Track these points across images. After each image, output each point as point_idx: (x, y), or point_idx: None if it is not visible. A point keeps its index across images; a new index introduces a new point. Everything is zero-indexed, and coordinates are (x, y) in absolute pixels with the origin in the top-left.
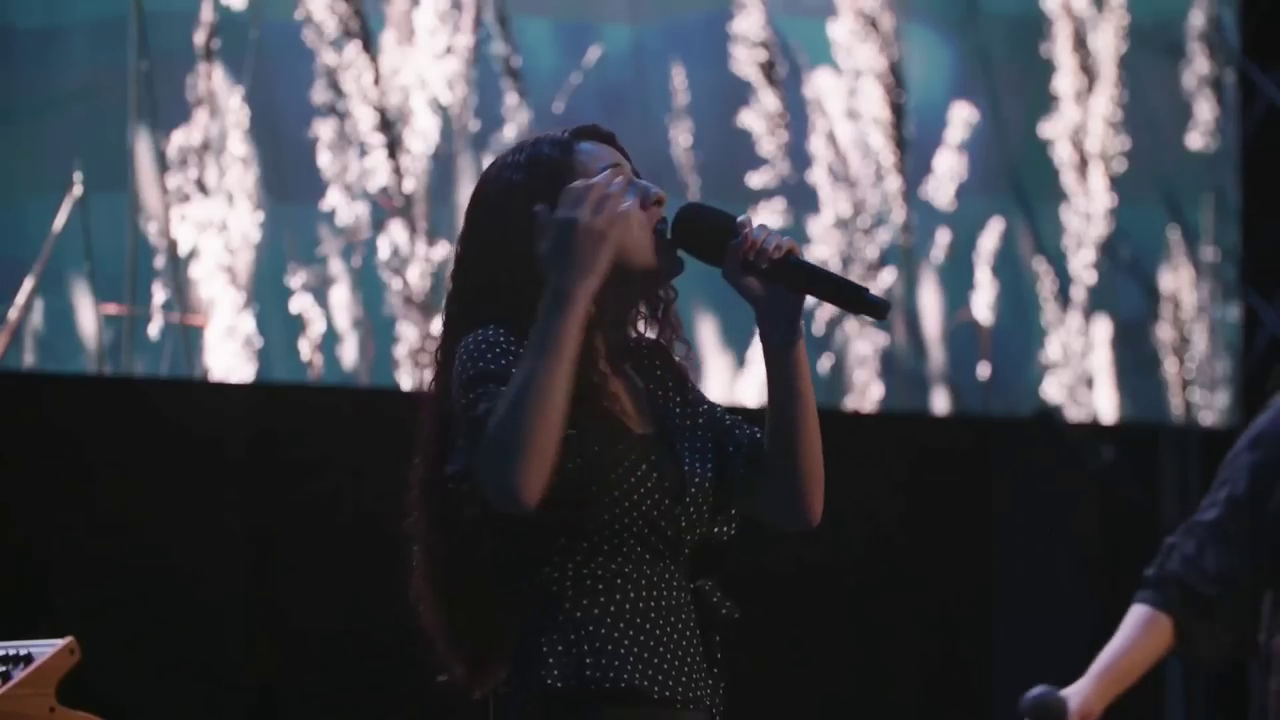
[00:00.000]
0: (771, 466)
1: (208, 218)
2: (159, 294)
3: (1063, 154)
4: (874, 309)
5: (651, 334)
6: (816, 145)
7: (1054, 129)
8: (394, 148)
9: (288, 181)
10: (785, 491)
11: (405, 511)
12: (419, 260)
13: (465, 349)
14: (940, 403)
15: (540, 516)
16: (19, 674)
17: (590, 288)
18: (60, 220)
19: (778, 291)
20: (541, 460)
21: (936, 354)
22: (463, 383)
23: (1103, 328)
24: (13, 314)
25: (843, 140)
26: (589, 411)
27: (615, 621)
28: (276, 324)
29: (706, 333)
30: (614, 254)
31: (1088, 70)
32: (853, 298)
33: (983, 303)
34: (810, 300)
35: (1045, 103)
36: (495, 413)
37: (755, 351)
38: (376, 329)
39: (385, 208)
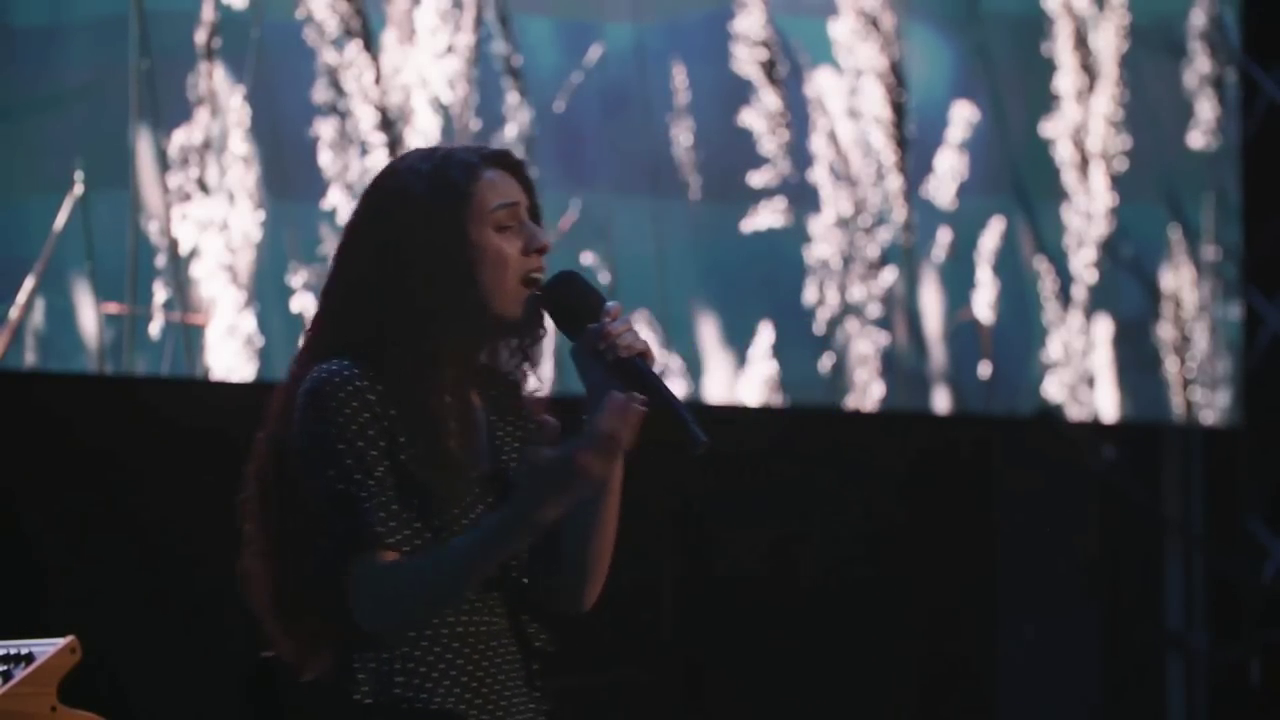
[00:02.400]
0: (562, 552)
1: (209, 217)
2: (160, 293)
3: (1064, 153)
4: (693, 443)
5: (509, 365)
6: (817, 144)
7: (1055, 128)
8: (395, 147)
9: (289, 180)
10: (565, 576)
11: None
12: None
13: (320, 399)
14: (941, 402)
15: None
16: (20, 673)
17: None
18: (61, 219)
19: (614, 386)
20: (413, 627)
21: (937, 353)
22: (326, 462)
23: (1104, 327)
24: (14, 313)
25: (844, 139)
26: (429, 448)
27: (432, 645)
28: (278, 323)
29: (707, 332)
30: (476, 293)
31: (1089, 69)
32: (678, 423)
33: (984, 302)
34: (811, 298)
35: (1046, 102)
36: (406, 573)
37: (756, 351)
38: None
39: None
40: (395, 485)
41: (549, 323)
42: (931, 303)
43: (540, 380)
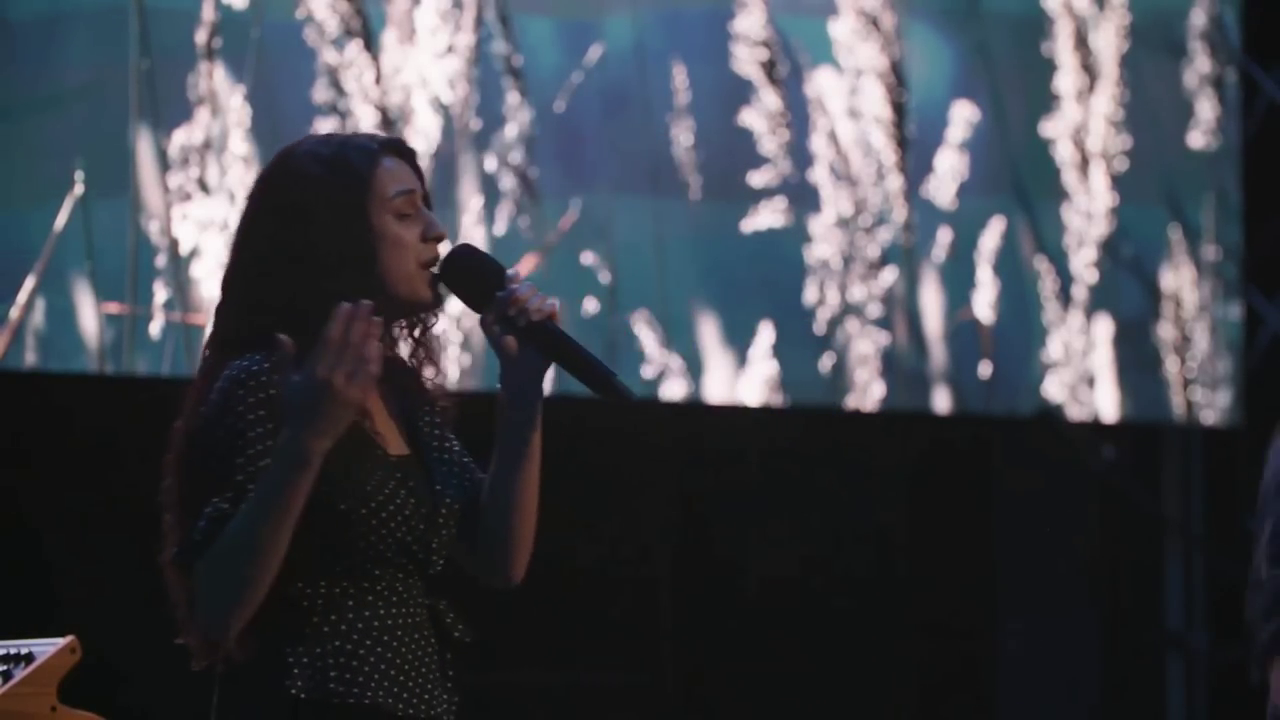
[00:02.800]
0: (484, 522)
1: (209, 217)
2: (160, 293)
3: (1064, 153)
4: (618, 394)
5: (407, 354)
6: (818, 144)
7: (1055, 128)
8: None
9: None
10: (491, 549)
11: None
12: None
13: (226, 398)
14: (941, 402)
15: (296, 536)
16: (20, 673)
17: (326, 448)
18: (61, 219)
19: (529, 352)
20: (248, 609)
21: (938, 353)
22: (215, 455)
23: (1104, 327)
24: (14, 313)
25: (844, 139)
26: (346, 431)
27: (362, 639)
28: None
29: (707, 332)
30: (377, 278)
31: (1089, 69)
32: (599, 378)
33: (984, 302)
34: (811, 298)
35: (1046, 102)
36: (217, 551)
37: (756, 351)
38: None
39: None
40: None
41: (453, 303)
42: (932, 302)
43: (440, 368)
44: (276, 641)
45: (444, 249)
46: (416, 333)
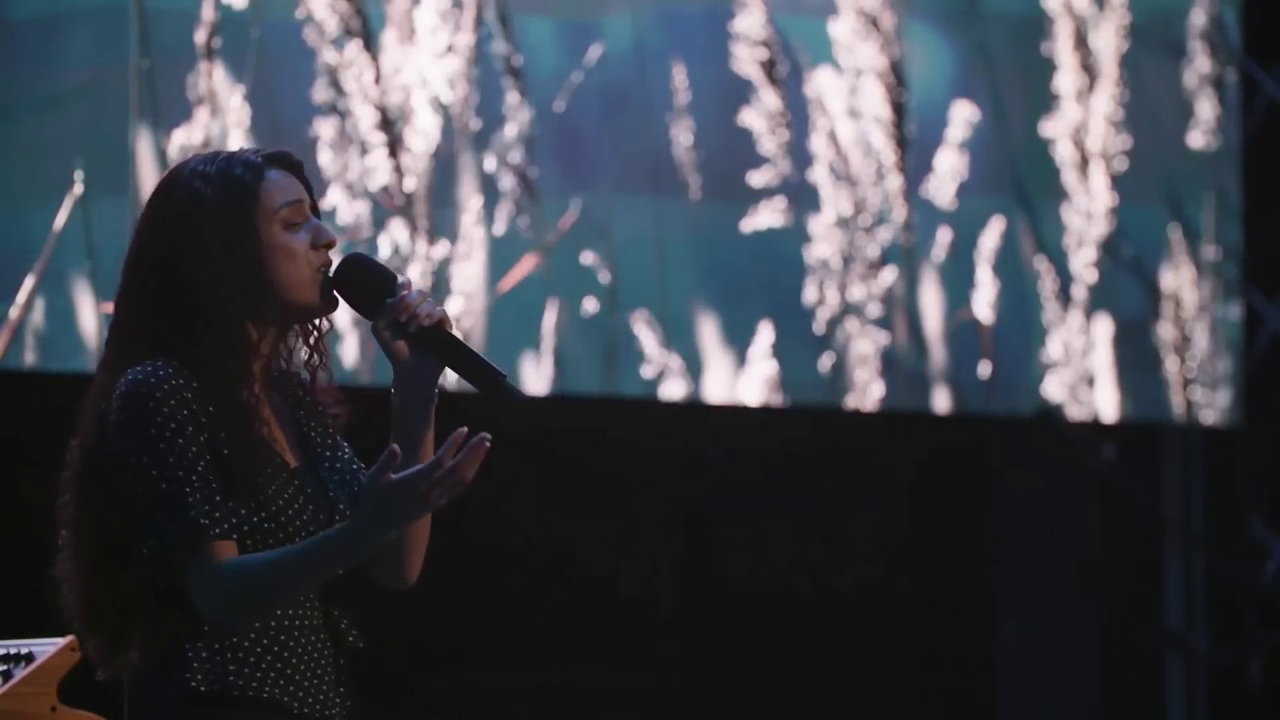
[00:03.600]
0: None
1: None
2: None
3: (1064, 153)
4: (509, 396)
5: (301, 361)
6: (817, 144)
7: (1055, 128)
8: (395, 147)
9: None
10: (389, 557)
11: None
12: (420, 259)
13: (137, 399)
14: (941, 402)
15: None
16: (20, 672)
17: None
18: (61, 219)
19: (421, 358)
20: (264, 617)
21: (938, 353)
22: (147, 461)
23: (1104, 326)
24: (14, 313)
25: (844, 139)
26: (246, 437)
27: (259, 637)
28: None
29: (707, 332)
30: (271, 287)
31: (1089, 69)
32: (490, 380)
33: (984, 301)
34: (811, 298)
35: (1046, 101)
36: (252, 573)
37: (756, 351)
38: None
39: (386, 206)
40: (218, 479)
41: (345, 308)
42: (931, 302)
43: (330, 372)
44: (178, 639)
45: (335, 256)
46: (310, 337)
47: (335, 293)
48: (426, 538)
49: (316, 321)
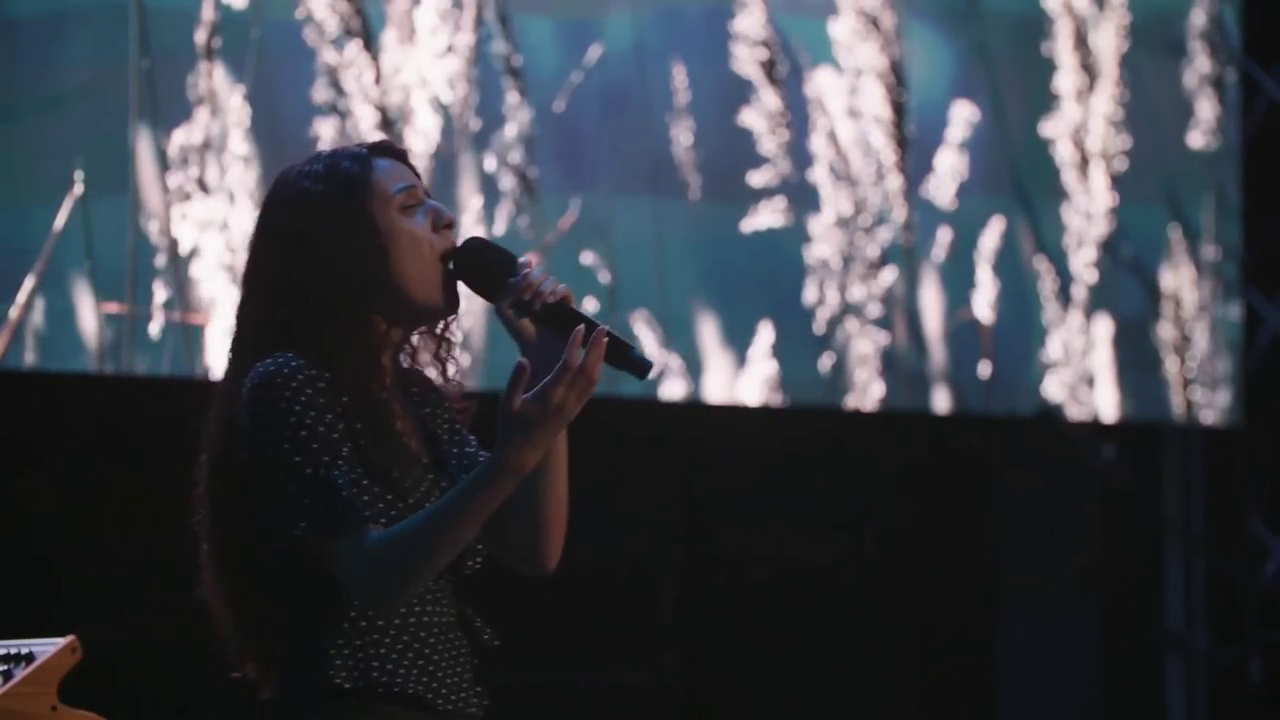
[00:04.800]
0: (517, 511)
1: (209, 216)
2: (160, 293)
3: (1064, 153)
4: (638, 367)
5: (426, 359)
6: (817, 144)
7: (1055, 128)
8: None
9: None
10: (526, 537)
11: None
12: None
13: (272, 390)
14: (941, 402)
15: None
16: (20, 672)
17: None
18: (61, 219)
19: (547, 336)
20: (418, 590)
21: (938, 353)
22: (290, 448)
23: (1104, 326)
24: (14, 313)
25: (844, 139)
26: (381, 431)
27: (399, 634)
28: None
29: (707, 332)
30: (398, 277)
31: (1089, 69)
32: (618, 352)
33: (984, 301)
34: (811, 298)
35: (1046, 101)
36: (399, 540)
37: (756, 351)
38: None
39: None
40: (360, 467)
41: (467, 296)
42: (931, 302)
43: (460, 367)
44: (318, 638)
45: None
46: (437, 334)
47: (457, 282)
48: (565, 518)
49: (442, 326)
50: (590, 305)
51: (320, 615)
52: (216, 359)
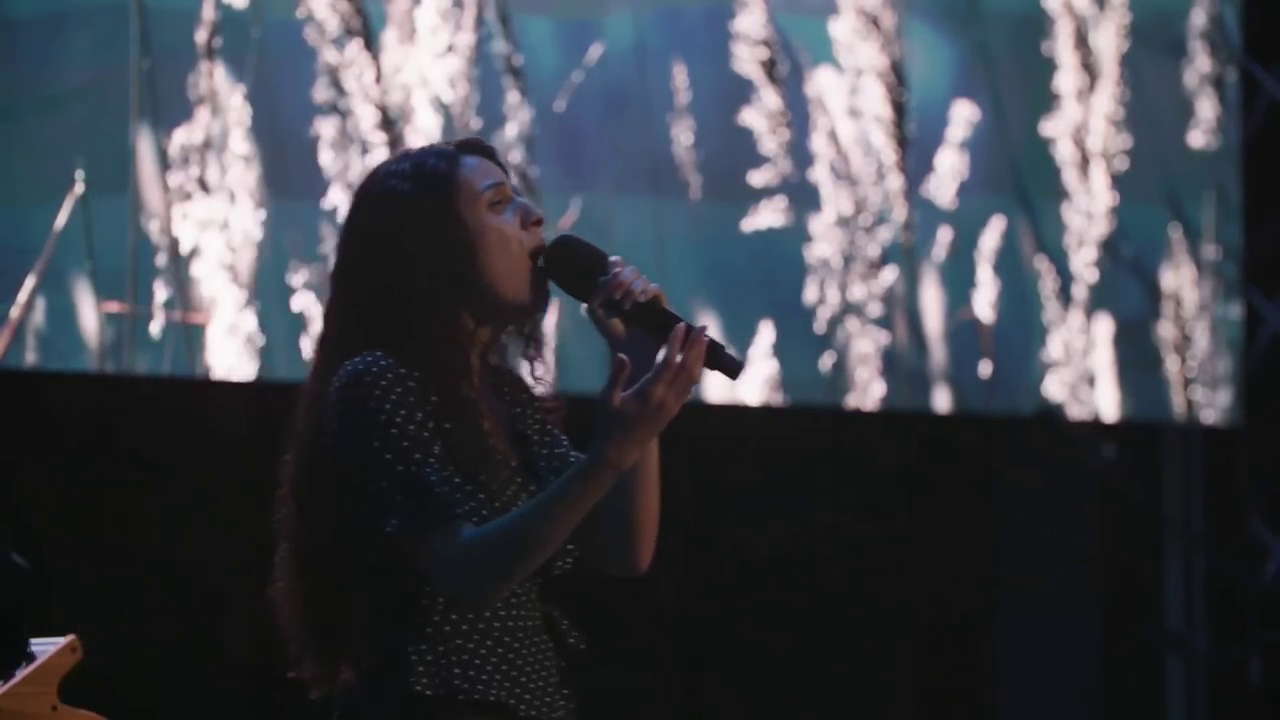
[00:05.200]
0: (607, 513)
1: (209, 216)
2: (161, 292)
3: (1064, 152)
4: (729, 367)
5: (517, 358)
6: (818, 143)
7: (1055, 127)
8: (395, 146)
9: (290, 180)
10: (616, 538)
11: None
12: None
13: (361, 389)
14: (942, 401)
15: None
16: (21, 672)
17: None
18: (62, 218)
19: (637, 335)
20: (511, 587)
21: (938, 352)
22: (380, 446)
23: (1104, 326)
24: (14, 312)
25: (844, 138)
26: (470, 435)
27: (483, 639)
28: (278, 322)
29: (707, 332)
30: (487, 275)
31: (1089, 68)
32: (712, 353)
33: (984, 301)
34: (811, 297)
35: (1047, 101)
36: (493, 536)
37: (756, 351)
38: None
39: None
40: (450, 465)
41: (555, 295)
42: (932, 302)
43: (547, 365)
44: (400, 642)
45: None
46: (525, 333)
47: (548, 280)
48: (656, 519)
49: (533, 320)
50: None
51: (403, 619)
52: (217, 358)
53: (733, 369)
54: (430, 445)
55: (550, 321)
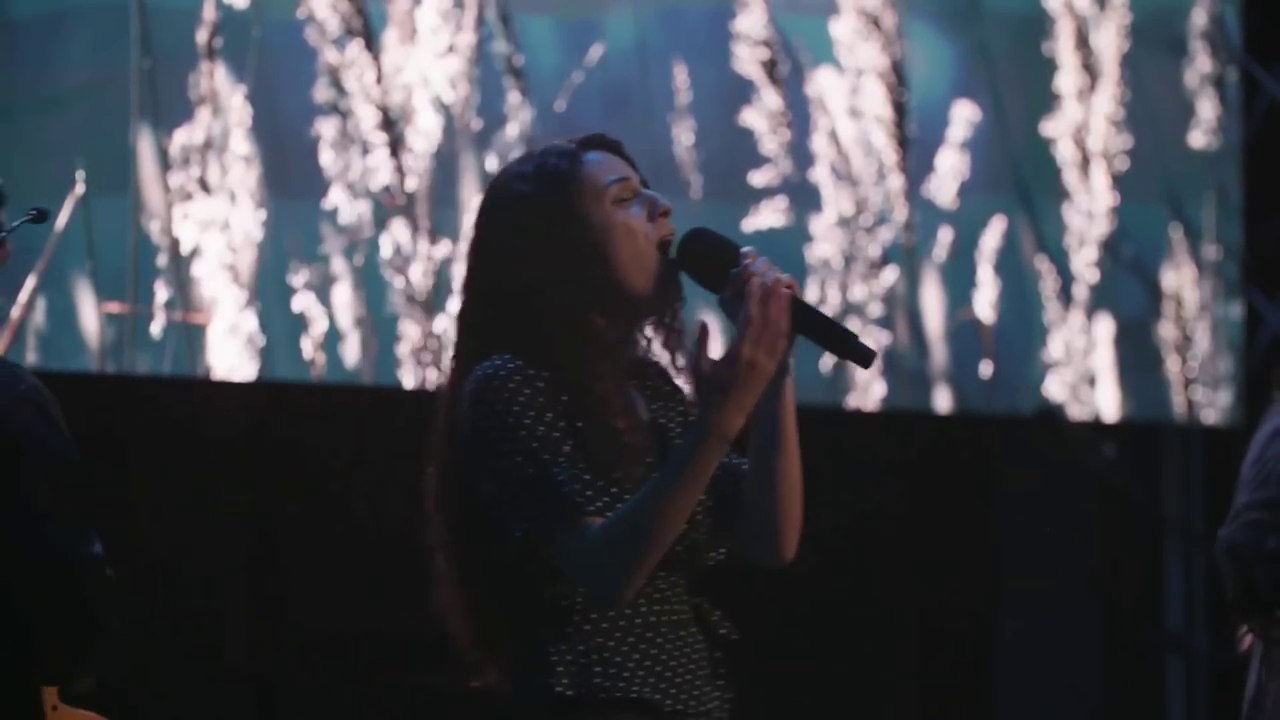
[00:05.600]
0: (750, 502)
1: (210, 216)
2: (161, 292)
3: (1065, 152)
4: (861, 356)
5: (656, 348)
6: (819, 144)
7: (1056, 127)
8: (396, 146)
9: (290, 180)
10: (759, 528)
11: (421, 520)
12: (421, 259)
13: (490, 392)
14: (942, 401)
15: None
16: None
17: (741, 424)
18: (63, 218)
19: None
20: (647, 573)
21: (939, 352)
22: (509, 448)
23: (1105, 326)
24: (15, 312)
25: (845, 139)
26: (602, 432)
27: (625, 636)
28: (279, 322)
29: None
30: (615, 272)
31: (1090, 68)
32: (842, 343)
33: (985, 301)
34: (813, 298)
35: (1047, 101)
36: (618, 526)
37: None
38: (379, 327)
39: (387, 206)
40: (581, 463)
41: (685, 287)
42: (932, 302)
43: (690, 352)
44: (540, 643)
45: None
46: (665, 325)
47: (678, 272)
48: (799, 508)
49: (666, 315)
50: None
51: (543, 621)
52: (218, 358)
53: (863, 357)
54: (560, 445)
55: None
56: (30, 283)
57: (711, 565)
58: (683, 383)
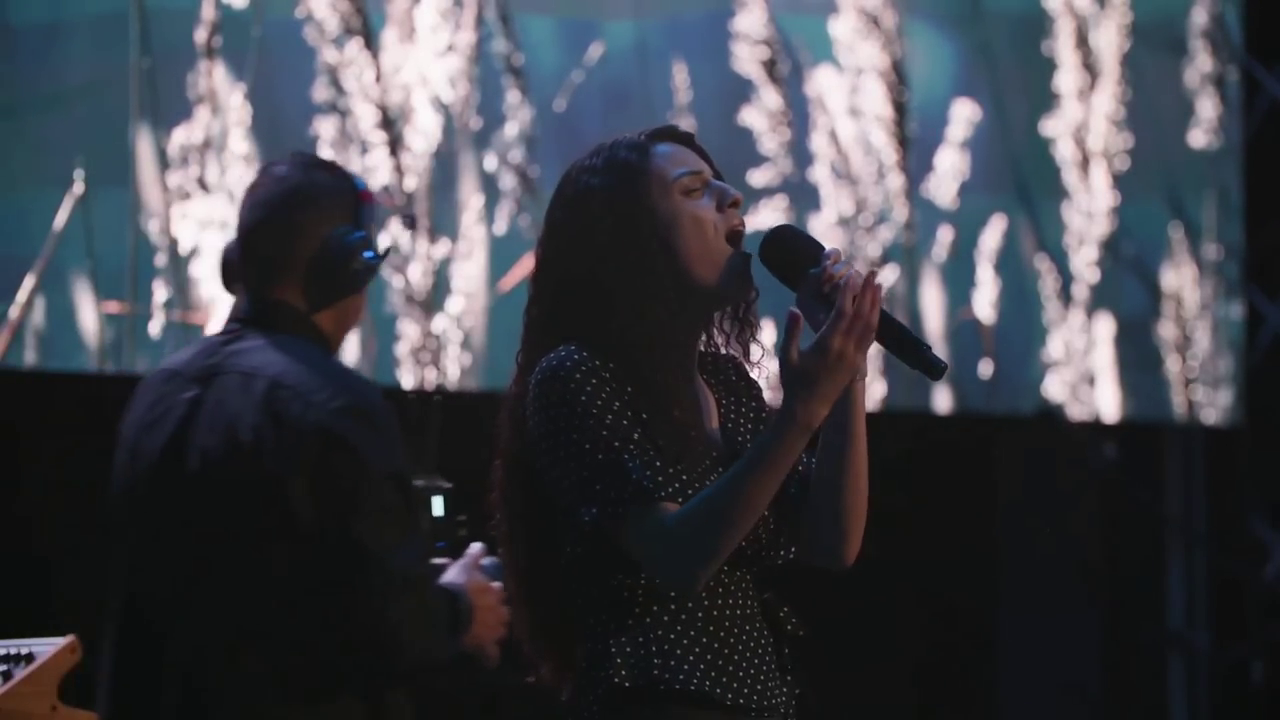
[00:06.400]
0: (815, 503)
1: (209, 215)
2: (160, 292)
3: (1065, 152)
4: (932, 368)
5: (727, 340)
6: (818, 143)
7: (1056, 127)
8: (395, 145)
9: None
10: (823, 529)
11: (488, 514)
12: (420, 258)
13: (557, 382)
14: (943, 401)
15: None
16: (21, 672)
17: (826, 414)
18: (62, 218)
19: None
20: (721, 561)
21: (939, 352)
22: (579, 436)
23: (1105, 325)
24: (14, 312)
25: (845, 138)
26: (667, 423)
27: (686, 629)
28: None
29: None
30: (682, 264)
31: (1090, 68)
32: (914, 351)
33: (985, 301)
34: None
35: (1047, 100)
36: (696, 512)
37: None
38: (378, 327)
39: (387, 205)
40: (650, 450)
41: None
42: (933, 301)
43: (763, 346)
44: (600, 635)
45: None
46: (738, 316)
47: (748, 264)
48: (864, 511)
49: (738, 308)
50: None
51: (606, 612)
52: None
53: (934, 369)
54: (629, 432)
55: None
56: (29, 282)
57: (781, 564)
58: (757, 376)
